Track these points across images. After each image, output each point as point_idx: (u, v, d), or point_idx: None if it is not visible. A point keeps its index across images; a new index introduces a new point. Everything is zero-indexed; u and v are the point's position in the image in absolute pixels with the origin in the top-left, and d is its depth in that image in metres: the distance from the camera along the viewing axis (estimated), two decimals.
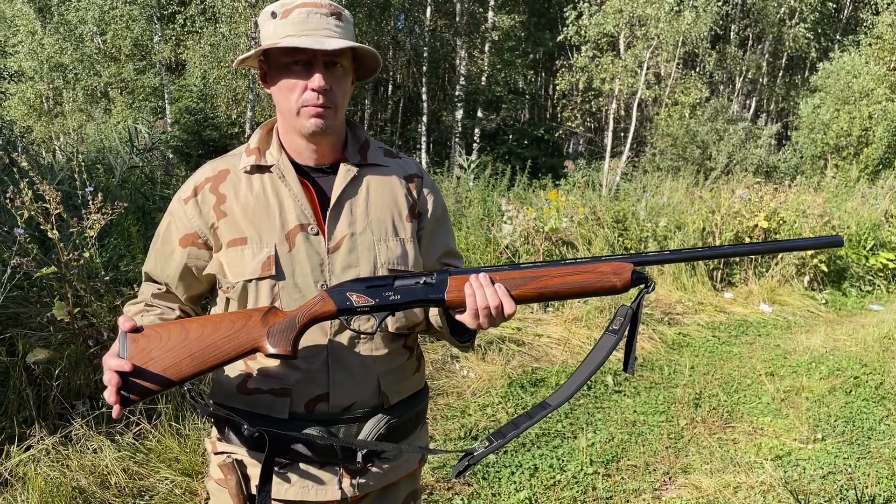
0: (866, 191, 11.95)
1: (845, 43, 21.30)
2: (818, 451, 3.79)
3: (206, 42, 14.47)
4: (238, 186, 1.39)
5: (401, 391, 1.46)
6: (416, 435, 1.53)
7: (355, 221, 1.40)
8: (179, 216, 1.40)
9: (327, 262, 1.37)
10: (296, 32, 1.31)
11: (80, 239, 3.46)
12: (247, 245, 1.35)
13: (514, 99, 21.44)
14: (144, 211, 5.94)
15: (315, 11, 1.32)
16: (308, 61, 1.32)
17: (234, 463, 1.38)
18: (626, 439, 3.88)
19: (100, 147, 9.09)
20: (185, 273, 1.42)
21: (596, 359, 1.34)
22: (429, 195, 1.53)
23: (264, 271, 1.33)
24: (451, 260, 1.57)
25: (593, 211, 7.94)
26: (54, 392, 3.22)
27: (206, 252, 1.40)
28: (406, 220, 1.46)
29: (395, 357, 1.44)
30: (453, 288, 1.28)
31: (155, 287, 1.45)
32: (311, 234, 1.36)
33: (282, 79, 1.35)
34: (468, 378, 4.61)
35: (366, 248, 1.39)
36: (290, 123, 1.37)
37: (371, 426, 1.39)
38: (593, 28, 16.59)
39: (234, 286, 1.35)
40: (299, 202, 1.37)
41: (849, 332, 6.38)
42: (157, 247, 1.44)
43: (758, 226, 8.19)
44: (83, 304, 3.41)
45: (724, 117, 16.56)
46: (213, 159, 1.46)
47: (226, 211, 1.37)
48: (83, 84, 19.80)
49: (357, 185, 1.42)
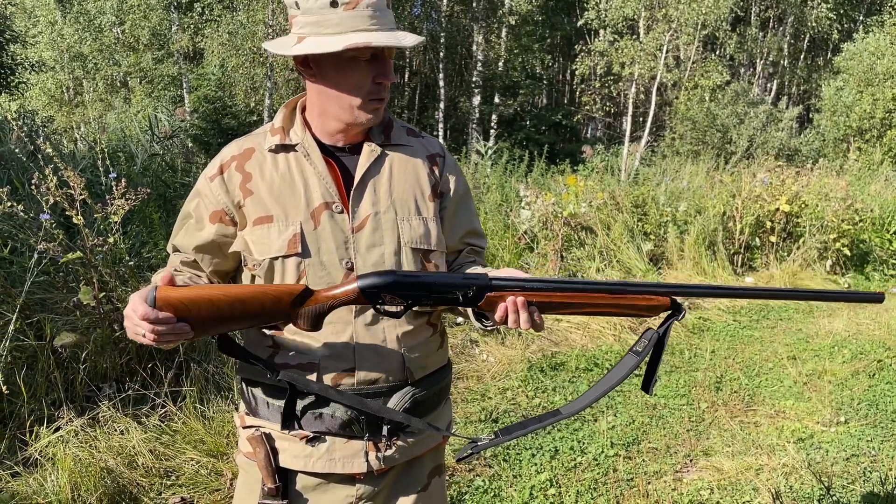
0: (890, 174, 11.79)
1: (869, 23, 20.94)
2: (841, 433, 3.77)
3: (224, 30, 14.51)
4: (263, 165, 1.40)
5: (425, 366, 1.47)
6: (441, 410, 1.55)
7: (379, 200, 1.41)
8: (206, 193, 1.41)
9: (352, 241, 1.38)
10: (368, 27, 1.29)
11: (104, 224, 3.51)
12: (272, 223, 1.37)
13: (531, 84, 21.31)
14: (165, 198, 6.00)
15: (379, 4, 1.30)
16: (374, 55, 1.33)
17: (262, 436, 1.41)
18: (647, 422, 3.88)
19: (120, 136, 9.17)
20: (214, 247, 1.43)
21: (615, 377, 1.37)
22: (451, 175, 1.53)
23: (290, 249, 1.35)
24: (474, 240, 1.58)
25: (612, 196, 7.89)
26: (81, 375, 3.28)
27: (233, 228, 1.41)
28: (429, 199, 1.47)
29: (418, 333, 1.45)
30: (488, 301, 1.30)
31: (183, 255, 1.47)
32: (336, 212, 1.38)
33: (344, 71, 1.34)
34: (488, 362, 4.62)
35: (389, 226, 1.40)
36: (342, 113, 1.37)
37: (396, 400, 1.41)
38: (614, 11, 16.43)
39: (261, 263, 1.37)
40: (324, 180, 1.38)
41: (872, 316, 6.32)
42: (187, 223, 1.45)
43: (779, 209, 8.11)
44: (108, 288, 3.46)
45: (744, 100, 16.37)
46: (239, 137, 1.48)
47: (252, 189, 1.38)
48: (103, 74, 19.98)
49: (380, 165, 1.43)
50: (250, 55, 14.25)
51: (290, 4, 1.35)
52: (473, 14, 18.44)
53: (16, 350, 3.17)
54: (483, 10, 18.35)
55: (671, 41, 16.30)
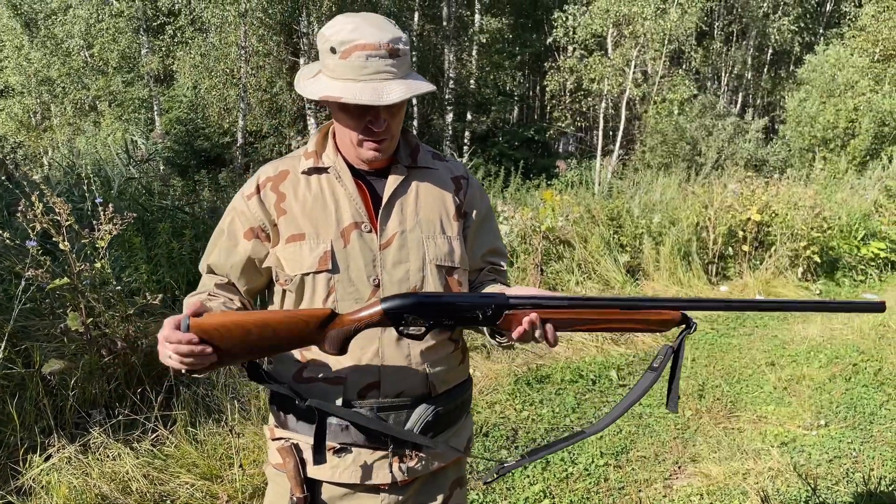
0: (855, 182, 12.09)
1: (829, 36, 21.53)
2: (822, 436, 3.87)
3: (195, 52, 14.48)
4: (297, 186, 1.47)
5: (447, 381, 1.53)
6: (462, 424, 1.61)
7: (405, 220, 1.48)
8: (243, 210, 1.49)
9: (379, 258, 1.45)
10: (355, 77, 1.33)
11: (90, 250, 3.50)
12: (304, 241, 1.44)
13: (503, 101, 21.53)
14: (144, 222, 5.96)
15: (374, 54, 1.33)
16: None
17: (291, 447, 1.46)
18: (635, 431, 3.94)
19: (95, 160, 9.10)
20: (249, 265, 1.50)
21: (635, 394, 1.46)
22: (475, 196, 1.61)
23: (321, 266, 1.42)
24: (496, 258, 1.65)
25: (588, 209, 8.01)
26: (71, 402, 3.26)
27: (268, 245, 1.48)
28: (453, 219, 1.54)
29: (441, 349, 1.51)
30: (506, 321, 1.36)
31: (217, 278, 1.52)
32: (365, 231, 1.45)
33: (339, 117, 1.43)
34: (474, 376, 4.66)
35: (415, 244, 1.47)
36: (349, 147, 1.46)
37: (419, 413, 1.47)
38: (581, 29, 16.70)
39: (292, 279, 1.43)
40: (354, 201, 1.46)
41: (844, 321, 6.47)
42: (220, 241, 1.51)
43: (751, 219, 8.28)
44: (95, 314, 3.45)
45: (712, 113, 16.70)
46: (273, 160, 1.55)
47: (285, 209, 1.46)
48: (71, 97, 19.76)
49: (407, 186, 1.51)
50: (223, 77, 14.24)
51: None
52: (444, 33, 18.62)
53: (4, 378, 3.14)
54: (454, 28, 18.54)
55: (639, 57, 16.61)
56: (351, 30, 1.33)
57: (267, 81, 14.37)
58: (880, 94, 15.20)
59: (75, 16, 18.28)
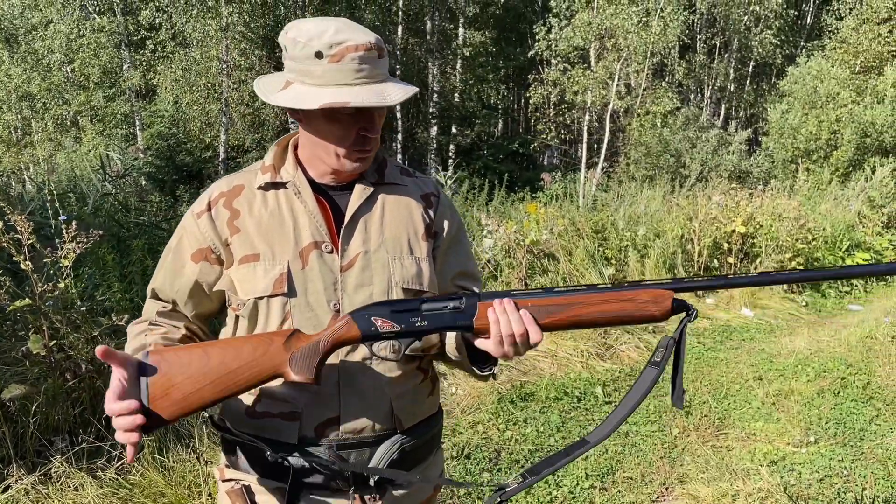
0: (838, 193, 12.11)
1: (810, 48, 21.71)
2: (812, 454, 3.78)
3: (177, 67, 14.37)
4: (252, 202, 1.36)
5: (415, 414, 1.41)
6: (432, 461, 1.48)
7: (369, 239, 1.36)
8: (192, 230, 1.37)
9: (340, 281, 1.33)
10: (350, 81, 1.23)
11: (54, 269, 3.36)
12: (259, 261, 1.32)
13: (487, 114, 21.54)
14: (119, 238, 5.83)
15: (366, 56, 1.24)
16: (358, 109, 1.28)
17: (242, 489, 1.34)
18: (621, 451, 3.83)
19: (71, 175, 8.95)
20: (196, 289, 1.38)
21: (638, 392, 1.31)
22: (445, 214, 1.49)
23: (276, 289, 1.30)
24: (466, 282, 1.51)
25: (572, 222, 7.94)
26: (31, 429, 3.11)
27: (218, 268, 1.37)
28: (422, 239, 1.42)
29: (408, 379, 1.39)
30: (482, 314, 1.23)
31: (160, 305, 1.42)
32: (325, 251, 1.33)
33: (326, 127, 1.29)
34: (456, 395, 4.54)
35: (380, 266, 1.35)
36: (328, 160, 1.33)
37: (383, 451, 1.35)
38: (563, 42, 16.73)
39: (245, 303, 1.31)
40: (314, 219, 1.34)
41: (831, 334, 6.42)
42: (166, 262, 1.40)
43: (735, 231, 8.24)
44: (59, 336, 3.31)
45: (695, 126, 16.74)
46: (229, 174, 1.43)
47: (239, 227, 1.34)
48: (52, 113, 19.57)
49: (372, 203, 1.39)
50: (205, 91, 14.12)
51: (282, 44, 1.29)
52: (428, 46, 18.61)
53: None
54: (437, 42, 18.54)
55: (622, 69, 16.64)
56: (335, 31, 1.22)
57: (249, 95, 14.27)
58: (861, 105, 15.28)
59: (56, 31, 18.14)
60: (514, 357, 1.24)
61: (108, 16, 19.12)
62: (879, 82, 15.85)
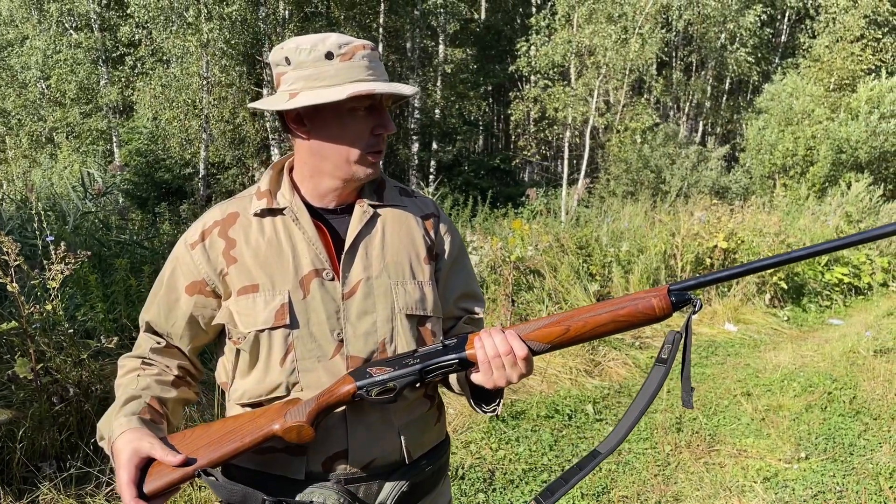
0: (815, 208, 12.30)
1: (785, 66, 22.10)
2: (804, 470, 3.79)
3: (156, 83, 14.27)
4: (249, 230, 1.31)
5: (423, 444, 1.38)
6: (439, 490, 1.44)
7: (371, 265, 1.32)
8: (185, 262, 1.32)
9: (342, 309, 1.29)
10: (365, 77, 1.23)
11: (41, 290, 3.30)
12: (258, 292, 1.27)
13: (468, 130, 21.62)
14: (101, 258, 5.74)
15: (373, 55, 1.26)
16: (372, 106, 1.27)
17: None
18: (614, 469, 3.82)
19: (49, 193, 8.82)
20: (191, 323, 1.33)
21: (646, 394, 1.24)
22: (446, 235, 1.45)
23: (278, 320, 1.25)
24: (470, 303, 1.48)
25: (557, 238, 7.97)
26: (18, 454, 3.04)
27: (215, 301, 1.32)
28: (424, 262, 1.38)
29: (415, 408, 1.36)
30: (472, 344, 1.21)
31: (154, 341, 1.37)
32: (327, 279, 1.28)
33: (341, 126, 1.26)
34: (448, 415, 4.51)
35: (382, 292, 1.31)
36: (338, 171, 1.30)
37: (392, 484, 1.31)
38: (543, 59, 16.88)
39: (246, 336, 1.27)
40: (314, 246, 1.29)
41: (814, 348, 6.48)
42: (160, 294, 1.35)
43: (717, 246, 8.32)
44: (46, 359, 3.24)
45: (675, 142, 16.94)
46: (222, 201, 1.39)
47: (236, 256, 1.29)
48: (27, 129, 19.34)
49: (373, 226, 1.35)
50: (184, 108, 14.03)
51: (277, 62, 1.27)
52: (409, 63, 18.67)
53: None
54: (418, 59, 18.61)
55: (601, 86, 16.81)
56: (337, 37, 1.24)
57: (230, 112, 14.20)
58: (836, 122, 15.56)
59: (32, 47, 17.97)
60: (505, 384, 1.20)
61: (85, 32, 18.97)
62: (853, 99, 16.18)
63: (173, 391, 1.33)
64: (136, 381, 1.30)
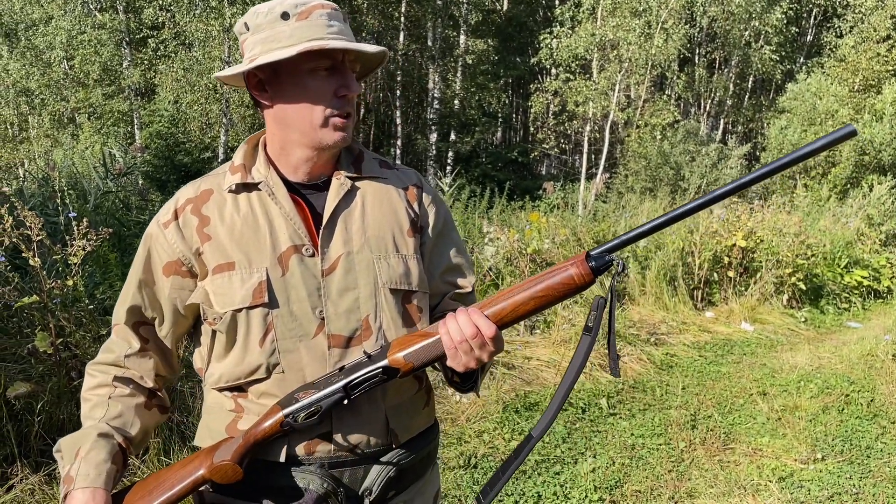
0: (836, 210, 12.16)
1: (810, 65, 21.84)
2: (820, 471, 3.76)
3: (178, 66, 14.32)
4: (223, 207, 1.25)
5: (410, 428, 1.32)
6: (427, 478, 1.39)
7: (351, 239, 1.26)
8: (160, 242, 1.26)
9: (323, 286, 1.23)
10: (324, 35, 1.17)
11: (62, 266, 3.33)
12: (234, 270, 1.21)
13: (487, 122, 21.56)
14: (120, 237, 5.79)
15: (334, 14, 1.20)
16: (333, 66, 1.21)
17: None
18: (628, 464, 3.81)
19: (71, 172, 8.88)
20: (172, 307, 1.28)
21: (574, 367, 1.18)
22: (430, 206, 1.39)
23: (255, 299, 1.20)
24: (456, 276, 1.41)
25: (574, 232, 7.93)
26: (36, 427, 3.07)
27: (191, 281, 1.26)
28: (407, 235, 1.32)
29: (402, 389, 1.30)
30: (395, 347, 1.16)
31: (127, 345, 1.31)
32: (306, 255, 1.23)
33: (301, 87, 1.21)
34: (461, 403, 4.51)
35: (364, 267, 1.26)
36: (305, 137, 1.24)
37: (378, 469, 1.26)
38: (565, 51, 16.78)
39: (222, 317, 1.21)
40: (292, 221, 1.24)
41: (831, 350, 6.42)
42: (136, 280, 1.28)
43: (736, 245, 8.25)
44: (66, 334, 3.26)
45: (695, 139, 16.80)
46: (194, 179, 1.34)
47: (210, 234, 1.23)
48: (50, 109, 19.49)
49: (351, 199, 1.29)
50: (206, 91, 14.08)
51: (239, 31, 1.24)
52: (430, 53, 18.63)
53: None
54: (439, 49, 18.56)
55: (623, 80, 16.69)
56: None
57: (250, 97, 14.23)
58: (860, 123, 15.37)
59: (57, 27, 18.08)
60: (476, 365, 1.15)
61: (110, 13, 19.08)
62: (878, 101, 15.95)
63: (143, 418, 1.30)
64: (106, 405, 1.26)
